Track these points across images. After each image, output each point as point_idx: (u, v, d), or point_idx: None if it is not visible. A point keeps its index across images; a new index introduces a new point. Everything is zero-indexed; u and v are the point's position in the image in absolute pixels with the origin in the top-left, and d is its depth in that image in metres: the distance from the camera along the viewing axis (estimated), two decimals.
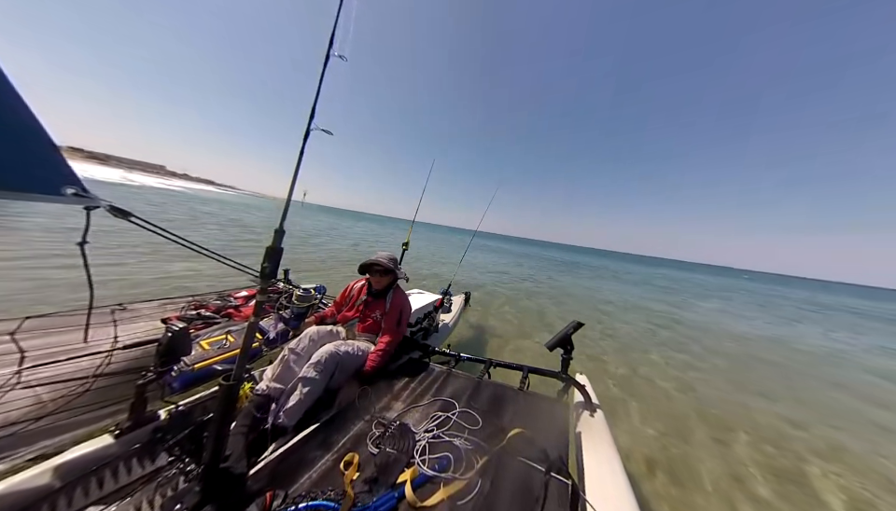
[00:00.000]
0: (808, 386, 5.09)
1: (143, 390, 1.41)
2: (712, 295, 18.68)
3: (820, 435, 3.51)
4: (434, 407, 1.69)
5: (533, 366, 2.17)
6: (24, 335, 1.92)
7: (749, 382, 4.91)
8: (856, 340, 9.64)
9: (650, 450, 2.80)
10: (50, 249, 5.96)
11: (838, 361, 6.97)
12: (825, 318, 14.59)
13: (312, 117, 1.26)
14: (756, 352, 6.80)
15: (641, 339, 6.69)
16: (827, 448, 3.26)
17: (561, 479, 1.23)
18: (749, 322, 10.81)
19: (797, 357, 6.84)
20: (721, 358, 6.05)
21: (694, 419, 3.53)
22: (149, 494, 1.21)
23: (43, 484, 1.15)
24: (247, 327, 1.13)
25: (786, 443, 3.25)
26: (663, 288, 18.80)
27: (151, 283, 5.30)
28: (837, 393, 4.95)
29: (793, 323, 11.94)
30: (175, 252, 6.82)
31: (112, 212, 1.09)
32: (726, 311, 12.65)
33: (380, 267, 2.18)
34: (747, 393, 4.48)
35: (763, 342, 7.85)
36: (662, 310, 10.62)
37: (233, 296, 3.05)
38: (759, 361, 6.23)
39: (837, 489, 2.63)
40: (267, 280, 1.14)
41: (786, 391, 4.75)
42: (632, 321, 8.40)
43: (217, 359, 2.03)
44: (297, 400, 1.60)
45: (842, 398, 4.76)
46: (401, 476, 1.20)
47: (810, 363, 6.51)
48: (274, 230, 1.16)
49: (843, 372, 6.10)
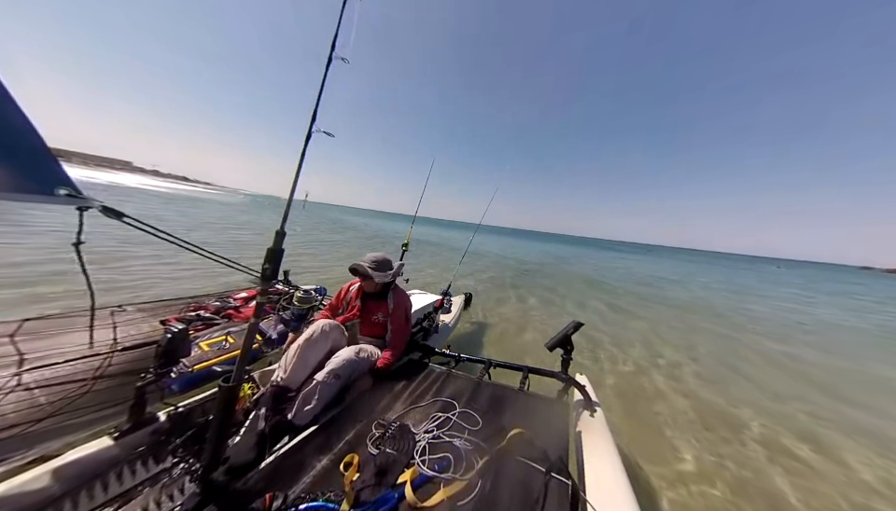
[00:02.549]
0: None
1: (142, 392, 1.41)
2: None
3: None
4: (434, 408, 1.69)
5: (533, 367, 2.17)
6: (23, 337, 1.91)
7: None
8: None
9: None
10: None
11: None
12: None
13: (313, 120, 1.27)
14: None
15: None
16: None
17: (561, 479, 1.23)
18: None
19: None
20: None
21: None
22: (149, 496, 1.21)
23: (43, 487, 1.15)
24: (248, 328, 1.13)
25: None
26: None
27: (151, 285, 5.30)
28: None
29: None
30: (175, 252, 6.80)
31: (104, 212, 1.09)
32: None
33: (364, 271, 2.06)
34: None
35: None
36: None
37: (233, 298, 3.05)
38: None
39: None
40: (268, 281, 1.15)
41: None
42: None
43: (217, 361, 2.03)
44: (312, 404, 1.59)
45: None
46: (401, 477, 1.20)
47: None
48: (275, 232, 1.17)
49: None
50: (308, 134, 1.27)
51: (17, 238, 6.81)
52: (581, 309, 8.11)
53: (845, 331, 8.67)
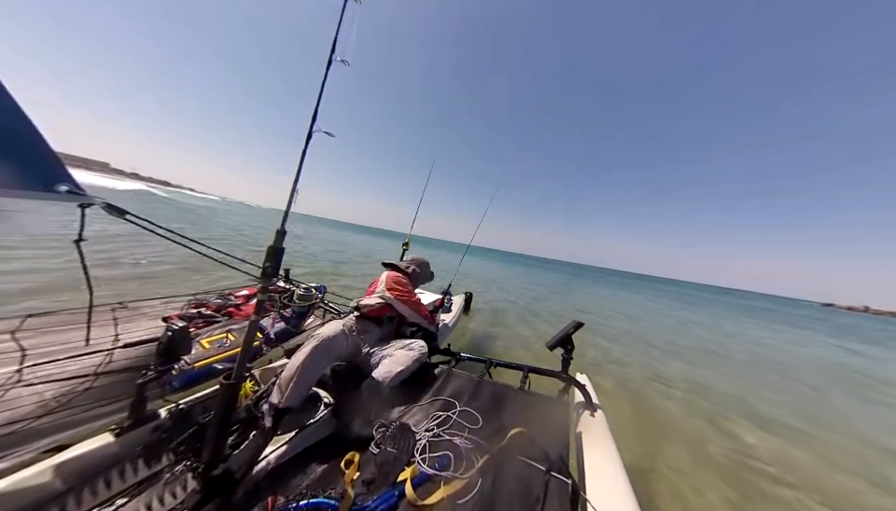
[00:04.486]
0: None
1: (143, 389, 1.41)
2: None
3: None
4: (434, 407, 1.69)
5: (533, 366, 2.17)
6: (25, 333, 1.92)
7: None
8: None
9: None
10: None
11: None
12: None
13: (314, 120, 1.26)
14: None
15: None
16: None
17: (561, 479, 1.23)
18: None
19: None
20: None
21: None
22: (151, 493, 1.21)
23: (45, 482, 1.15)
24: (248, 326, 1.13)
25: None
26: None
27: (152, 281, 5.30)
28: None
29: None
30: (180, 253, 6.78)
31: (107, 209, 1.08)
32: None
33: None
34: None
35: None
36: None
37: (234, 295, 3.05)
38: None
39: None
40: (268, 279, 1.15)
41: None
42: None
43: (218, 358, 2.04)
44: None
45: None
46: (402, 475, 1.21)
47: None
48: (276, 231, 1.17)
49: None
50: (309, 134, 1.26)
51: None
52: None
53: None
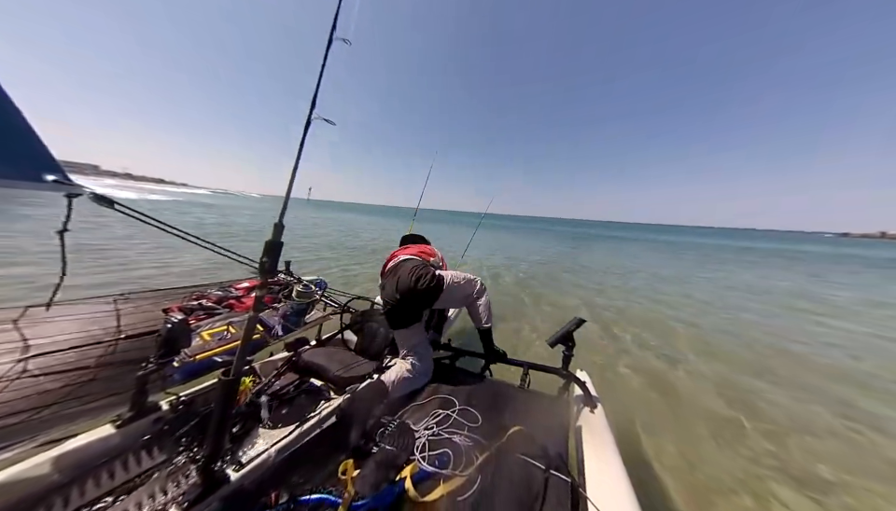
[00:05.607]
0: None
1: (143, 380, 1.41)
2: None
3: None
4: (434, 405, 1.69)
5: (534, 363, 2.15)
6: (27, 323, 1.92)
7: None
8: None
9: None
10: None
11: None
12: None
13: (313, 106, 1.21)
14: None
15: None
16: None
17: (561, 477, 1.23)
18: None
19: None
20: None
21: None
22: (153, 485, 1.22)
23: (46, 473, 1.16)
24: (247, 322, 1.12)
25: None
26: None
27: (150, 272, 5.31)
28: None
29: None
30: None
31: (95, 199, 1.06)
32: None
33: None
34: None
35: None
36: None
37: (235, 287, 3.05)
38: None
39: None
40: (266, 274, 1.13)
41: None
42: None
43: (219, 350, 2.04)
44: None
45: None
46: (402, 473, 1.21)
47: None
48: (274, 224, 1.14)
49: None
50: (308, 121, 1.22)
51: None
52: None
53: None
